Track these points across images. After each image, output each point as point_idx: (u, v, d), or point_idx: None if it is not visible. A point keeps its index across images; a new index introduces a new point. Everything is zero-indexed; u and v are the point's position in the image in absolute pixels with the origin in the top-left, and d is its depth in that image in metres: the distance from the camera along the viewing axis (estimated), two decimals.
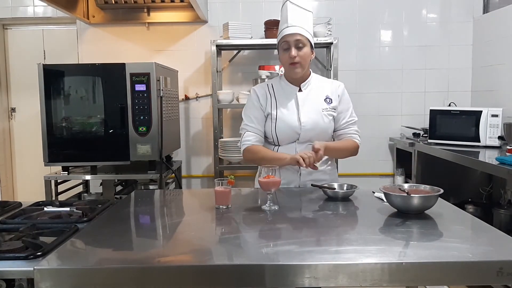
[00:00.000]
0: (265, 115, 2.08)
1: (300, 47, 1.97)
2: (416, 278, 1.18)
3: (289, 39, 1.96)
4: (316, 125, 2.02)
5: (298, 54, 1.96)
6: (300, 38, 1.96)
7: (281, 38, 2.00)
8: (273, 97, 2.08)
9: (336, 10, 3.80)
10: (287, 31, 1.97)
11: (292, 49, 1.95)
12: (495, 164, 2.41)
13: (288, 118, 2.03)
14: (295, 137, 2.03)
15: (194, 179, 3.98)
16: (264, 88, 2.12)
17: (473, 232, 1.53)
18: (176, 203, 2.08)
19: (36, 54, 3.95)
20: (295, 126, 2.02)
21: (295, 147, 2.04)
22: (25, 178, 4.09)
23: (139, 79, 2.89)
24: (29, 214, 1.72)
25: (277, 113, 2.04)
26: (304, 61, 1.99)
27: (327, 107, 2.06)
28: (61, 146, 2.96)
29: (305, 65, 2.01)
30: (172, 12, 3.80)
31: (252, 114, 2.09)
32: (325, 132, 2.06)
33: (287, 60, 1.99)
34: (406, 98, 3.90)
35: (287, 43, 1.97)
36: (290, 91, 2.08)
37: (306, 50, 1.98)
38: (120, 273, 1.19)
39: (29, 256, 1.24)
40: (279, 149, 2.06)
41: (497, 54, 3.48)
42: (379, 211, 1.66)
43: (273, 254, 1.27)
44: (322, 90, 2.09)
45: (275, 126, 2.03)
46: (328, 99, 2.08)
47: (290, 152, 2.01)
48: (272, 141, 2.08)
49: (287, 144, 2.05)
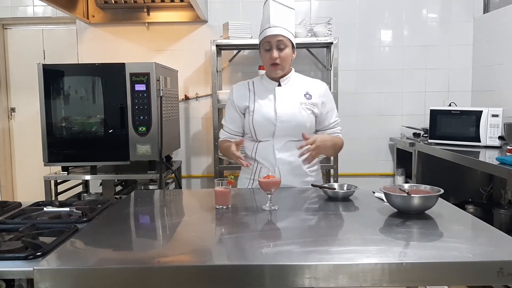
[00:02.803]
0: (243, 112, 2.11)
1: (281, 48, 1.99)
2: (416, 278, 1.18)
3: (271, 40, 1.98)
4: (292, 117, 2.02)
5: (279, 55, 1.99)
6: (281, 39, 1.98)
7: (263, 38, 2.02)
8: (253, 93, 2.11)
9: (336, 10, 3.80)
10: (269, 32, 1.99)
11: (273, 51, 1.98)
12: (495, 164, 2.41)
13: (264, 110, 2.04)
14: (271, 129, 2.02)
15: (194, 179, 3.98)
16: (244, 86, 2.16)
17: (473, 232, 1.53)
18: (176, 203, 2.08)
19: (36, 54, 3.95)
20: (271, 117, 2.02)
21: (273, 143, 2.04)
22: (25, 178, 4.09)
23: (139, 79, 2.89)
24: (29, 214, 1.71)
25: (254, 106, 2.07)
26: (285, 62, 2.02)
27: (305, 102, 2.06)
28: (60, 146, 2.96)
29: (286, 65, 2.04)
30: (172, 12, 3.80)
31: (228, 114, 2.17)
32: (302, 125, 2.04)
33: (269, 61, 2.02)
34: (406, 98, 3.90)
35: (269, 43, 1.99)
36: (269, 86, 2.10)
37: (287, 51, 2.01)
38: (120, 273, 1.18)
39: (28, 256, 1.23)
40: (258, 145, 2.07)
41: (497, 54, 3.48)
42: (379, 211, 1.66)
43: (273, 254, 1.27)
44: (303, 87, 2.10)
45: (252, 119, 2.05)
46: (308, 95, 2.08)
47: (268, 149, 2.03)
48: (251, 136, 2.10)
49: (265, 140, 2.05)
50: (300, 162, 1.99)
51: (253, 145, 2.09)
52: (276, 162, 1.98)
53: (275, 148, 2.03)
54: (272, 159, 2.02)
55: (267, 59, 2.02)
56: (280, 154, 2.02)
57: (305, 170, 2.08)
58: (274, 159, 2.02)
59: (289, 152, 2.02)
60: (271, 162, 2.01)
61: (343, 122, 3.74)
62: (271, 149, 2.03)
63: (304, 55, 3.82)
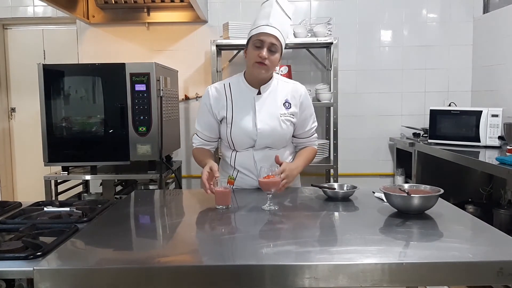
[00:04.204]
0: (219, 119, 2.01)
1: (272, 51, 1.87)
2: (416, 279, 1.18)
3: (265, 38, 1.86)
4: (273, 131, 1.95)
5: (268, 57, 1.86)
6: (275, 42, 1.87)
7: (256, 33, 1.88)
8: (230, 99, 1.99)
9: (336, 10, 3.80)
10: (265, 29, 1.86)
11: (264, 49, 1.85)
12: (495, 164, 2.41)
13: (243, 124, 1.95)
14: (251, 143, 1.98)
15: (194, 179, 3.98)
16: (220, 88, 2.02)
17: (473, 232, 1.53)
18: (176, 203, 2.08)
19: (36, 54, 3.95)
20: (251, 132, 1.95)
21: (253, 154, 1.99)
22: (25, 178, 4.09)
23: (139, 79, 2.89)
24: (29, 214, 1.71)
25: (232, 117, 1.96)
26: (272, 66, 1.90)
27: (285, 113, 1.97)
28: (61, 146, 2.96)
29: (271, 70, 1.94)
30: (172, 12, 3.80)
31: (202, 119, 2.05)
32: (282, 138, 2.00)
33: (255, 58, 1.87)
34: (406, 98, 3.90)
35: (262, 42, 1.86)
36: (248, 93, 1.98)
37: (277, 56, 1.90)
38: (120, 273, 1.18)
39: (29, 256, 1.23)
40: (236, 155, 2.01)
41: (497, 54, 3.48)
42: (379, 211, 1.66)
43: (273, 254, 1.27)
44: (282, 94, 2.00)
45: (230, 131, 1.97)
46: (287, 103, 1.99)
47: (249, 159, 1.99)
48: (229, 146, 2.04)
49: (244, 150, 2.00)
50: None
51: (231, 153, 2.04)
52: (257, 171, 1.91)
53: (255, 159, 1.98)
54: (253, 168, 1.99)
55: (254, 55, 1.87)
56: (261, 164, 1.92)
57: None
58: (255, 168, 1.97)
59: (269, 161, 1.94)
60: (252, 171, 2.00)
61: (343, 122, 3.76)
62: (252, 159, 1.99)
63: (304, 55, 3.82)
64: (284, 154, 2.05)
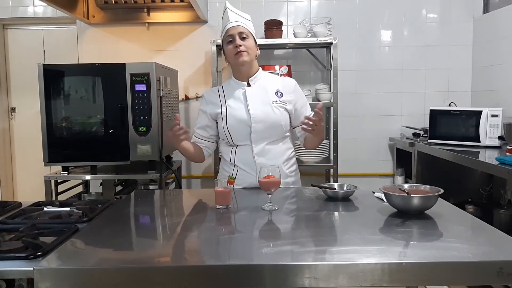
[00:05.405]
0: (215, 118, 2.11)
1: (244, 38, 1.99)
2: (416, 278, 1.18)
3: (233, 31, 1.99)
4: (266, 116, 2.02)
5: (243, 43, 1.98)
6: (243, 30, 1.99)
7: (224, 33, 2.03)
8: (223, 97, 2.10)
9: (336, 10, 3.80)
10: (229, 25, 2.00)
11: (236, 39, 1.98)
12: (495, 164, 2.41)
13: (237, 113, 2.04)
14: (247, 131, 2.02)
15: (194, 179, 3.98)
16: (214, 92, 2.15)
17: (473, 232, 1.53)
18: (176, 203, 2.08)
19: (36, 54, 3.95)
20: (245, 119, 2.02)
21: (252, 148, 2.03)
22: (25, 178, 4.09)
23: (139, 79, 2.89)
24: (29, 214, 1.71)
25: (226, 110, 2.06)
26: (250, 50, 2.01)
27: (277, 100, 2.05)
28: (61, 146, 2.95)
29: (252, 54, 2.03)
30: (172, 12, 3.80)
31: (200, 122, 2.17)
32: (277, 124, 2.04)
33: (233, 51, 2.00)
34: (406, 98, 3.90)
35: (231, 36, 1.99)
36: (239, 87, 2.09)
37: (250, 41, 2.01)
38: (120, 273, 1.18)
39: (29, 256, 1.23)
40: (236, 150, 2.07)
41: (497, 54, 3.48)
42: (379, 211, 1.66)
43: (273, 254, 1.27)
44: (272, 85, 2.10)
45: (226, 122, 2.04)
46: (279, 93, 2.08)
47: (247, 154, 2.03)
48: (227, 141, 2.09)
49: (243, 144, 2.05)
50: (280, 164, 2.01)
51: (230, 150, 2.09)
52: (256, 167, 1.97)
53: (254, 153, 2.03)
54: (252, 163, 2.03)
55: (231, 50, 2.01)
56: (260, 159, 2.02)
57: (285, 172, 2.08)
58: (254, 164, 2.02)
59: (268, 156, 2.03)
60: (251, 166, 2.03)
61: (343, 122, 3.77)
62: (250, 153, 2.03)
63: (304, 55, 3.82)
64: (284, 150, 2.10)
